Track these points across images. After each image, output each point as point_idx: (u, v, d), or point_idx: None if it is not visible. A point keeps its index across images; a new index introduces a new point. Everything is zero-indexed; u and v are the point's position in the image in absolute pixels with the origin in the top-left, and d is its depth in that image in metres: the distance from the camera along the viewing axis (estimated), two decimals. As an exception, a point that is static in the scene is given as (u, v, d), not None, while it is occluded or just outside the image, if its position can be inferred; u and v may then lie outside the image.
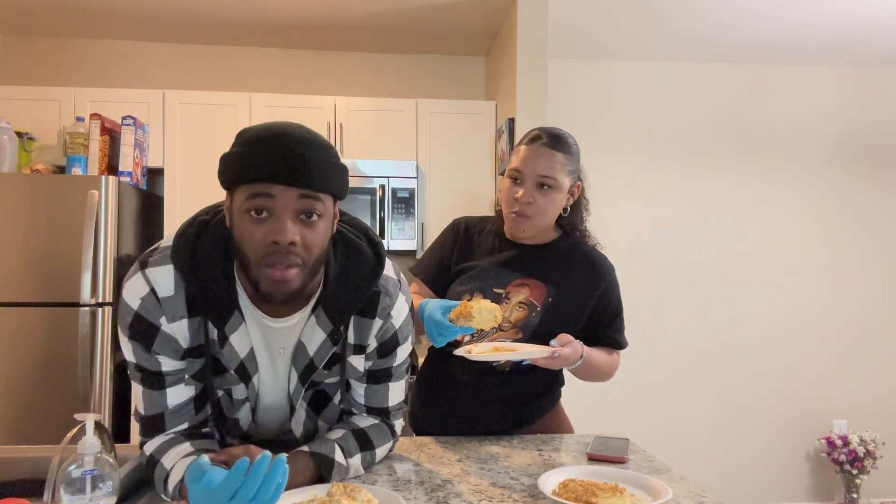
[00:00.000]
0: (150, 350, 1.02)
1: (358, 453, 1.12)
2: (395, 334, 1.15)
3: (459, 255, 1.53)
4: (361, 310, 1.10)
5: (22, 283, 2.49)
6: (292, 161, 0.91)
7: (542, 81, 2.81)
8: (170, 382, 1.05)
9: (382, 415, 1.22)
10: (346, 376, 1.15)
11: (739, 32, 3.22)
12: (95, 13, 3.04)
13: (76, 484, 0.83)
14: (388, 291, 1.11)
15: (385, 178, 3.00)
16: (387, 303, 1.11)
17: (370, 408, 1.21)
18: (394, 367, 1.19)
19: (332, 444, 1.08)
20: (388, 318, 1.12)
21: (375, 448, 1.16)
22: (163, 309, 1.00)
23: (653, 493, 1.03)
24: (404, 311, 1.16)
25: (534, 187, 1.39)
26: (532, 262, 1.47)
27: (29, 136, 2.86)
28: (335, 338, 1.08)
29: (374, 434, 1.17)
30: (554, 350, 1.27)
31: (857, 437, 3.41)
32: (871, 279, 3.70)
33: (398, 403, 1.23)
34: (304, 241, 0.94)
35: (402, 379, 1.23)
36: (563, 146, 1.41)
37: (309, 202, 0.93)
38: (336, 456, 1.07)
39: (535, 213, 1.40)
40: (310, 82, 3.47)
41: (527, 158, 1.40)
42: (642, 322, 3.55)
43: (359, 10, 2.99)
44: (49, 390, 2.47)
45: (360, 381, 1.18)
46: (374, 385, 1.19)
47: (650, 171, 3.62)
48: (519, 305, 1.43)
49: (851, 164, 3.71)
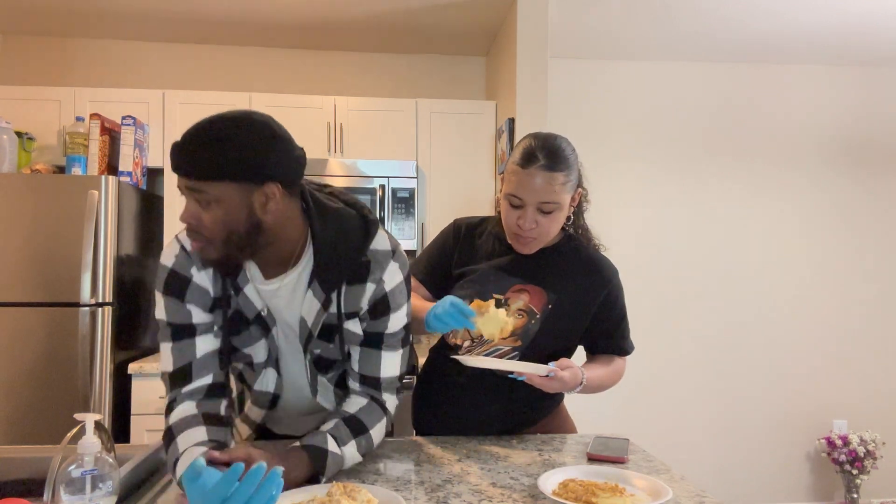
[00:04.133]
0: (184, 300, 1.14)
1: (352, 440, 1.13)
2: (385, 297, 1.18)
3: (460, 257, 1.50)
4: (350, 279, 1.16)
5: (22, 283, 2.49)
6: (175, 155, 1.03)
7: (542, 81, 2.81)
8: (199, 331, 1.16)
9: (374, 386, 1.22)
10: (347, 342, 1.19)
11: (739, 33, 3.22)
12: (95, 13, 3.04)
13: (76, 484, 0.83)
14: (377, 260, 1.17)
15: (385, 178, 3.00)
16: (377, 270, 1.17)
17: (363, 376, 1.22)
18: (386, 335, 1.20)
19: (323, 435, 1.09)
20: (381, 283, 1.17)
21: (369, 430, 1.16)
22: (192, 260, 1.15)
23: (653, 493, 1.03)
24: (397, 278, 1.19)
25: (535, 212, 1.34)
26: (532, 267, 1.44)
27: (29, 136, 2.86)
28: (327, 305, 1.15)
29: (365, 416, 1.17)
30: (552, 370, 1.23)
31: (857, 437, 3.41)
32: (871, 279, 3.70)
33: (391, 377, 1.23)
34: (200, 222, 1.04)
35: (397, 351, 1.23)
36: (561, 163, 1.33)
37: (195, 190, 1.03)
38: (329, 446, 1.08)
39: (540, 234, 1.37)
40: (310, 82, 3.47)
41: (525, 185, 1.32)
42: (642, 322, 3.54)
43: (359, 10, 2.99)
44: (49, 390, 2.47)
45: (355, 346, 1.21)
46: (367, 349, 1.21)
47: (650, 172, 3.62)
48: (518, 312, 1.40)
49: (853, 164, 3.71)
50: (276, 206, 1.06)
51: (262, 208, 1.05)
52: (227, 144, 1.01)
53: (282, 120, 1.26)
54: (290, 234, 1.12)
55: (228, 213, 1.03)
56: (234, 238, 1.05)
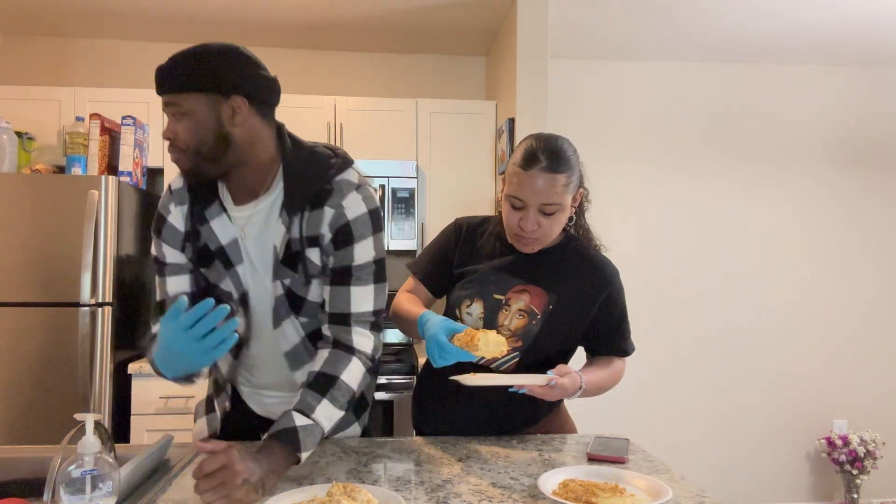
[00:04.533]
0: (161, 238, 1.28)
1: (322, 399, 1.12)
2: (348, 225, 1.20)
3: (461, 258, 1.50)
4: (313, 204, 1.21)
5: (22, 283, 2.49)
6: (157, 76, 1.15)
7: (542, 81, 2.81)
8: (169, 272, 1.27)
9: (343, 323, 1.22)
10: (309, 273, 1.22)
11: (739, 33, 3.22)
12: (95, 13, 3.04)
13: (76, 484, 0.83)
14: (340, 188, 1.22)
15: (385, 178, 3.00)
16: (337, 196, 1.21)
17: (332, 315, 1.23)
18: (354, 268, 1.22)
19: (287, 415, 1.09)
20: (340, 209, 1.20)
21: (339, 377, 1.16)
22: (172, 197, 1.27)
23: (653, 493, 1.03)
24: (360, 209, 1.22)
25: (537, 214, 1.34)
26: (533, 267, 1.43)
27: (29, 136, 2.86)
28: (290, 228, 1.21)
29: (329, 366, 1.17)
30: (551, 379, 1.23)
31: (857, 437, 3.41)
32: (870, 279, 3.70)
33: (362, 312, 1.23)
34: (175, 135, 1.15)
35: (367, 286, 1.23)
36: (563, 164, 1.32)
37: (170, 104, 1.14)
38: (296, 422, 1.07)
39: (542, 234, 1.37)
40: (310, 82, 3.47)
41: (527, 187, 1.32)
42: (643, 322, 3.54)
43: (359, 10, 2.99)
44: (49, 390, 2.47)
45: (324, 282, 1.24)
46: (337, 287, 1.22)
47: (650, 171, 3.62)
48: (519, 313, 1.40)
49: (851, 164, 3.71)
50: (244, 121, 1.15)
51: (230, 120, 1.14)
52: (196, 60, 1.13)
53: (282, 119, 1.27)
54: (260, 155, 1.19)
55: (198, 123, 1.14)
56: (203, 149, 1.15)
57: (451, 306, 1.48)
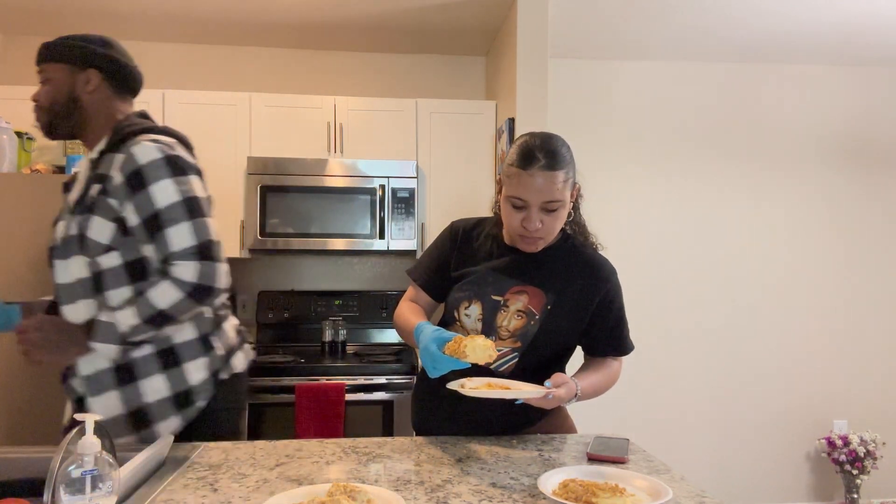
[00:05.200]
0: None
1: (125, 308, 1.31)
2: (139, 170, 1.33)
3: (458, 260, 1.51)
4: (108, 150, 1.40)
5: (22, 283, 2.49)
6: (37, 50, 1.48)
7: (542, 81, 2.81)
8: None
9: (168, 261, 1.33)
10: (95, 213, 1.35)
11: (739, 32, 3.22)
12: (96, 13, 3.04)
13: (76, 484, 0.83)
14: (136, 140, 1.37)
15: (385, 178, 2.99)
16: (130, 145, 1.36)
17: (161, 261, 1.36)
18: (161, 211, 1.33)
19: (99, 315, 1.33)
20: (130, 155, 1.34)
21: (145, 293, 1.32)
22: None
23: (653, 493, 1.03)
24: (152, 155, 1.34)
25: (539, 212, 1.35)
26: (531, 268, 1.44)
27: (29, 136, 2.86)
28: (89, 174, 1.42)
29: (146, 287, 1.34)
30: (548, 392, 1.23)
31: (858, 438, 3.41)
32: (871, 279, 3.70)
33: (184, 248, 1.32)
34: (39, 96, 1.47)
35: (181, 223, 1.33)
36: (560, 161, 1.33)
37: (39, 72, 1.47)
38: (100, 317, 1.32)
39: (545, 233, 1.38)
40: (310, 82, 3.47)
41: (527, 186, 1.33)
42: (642, 322, 3.54)
43: (359, 10, 2.99)
44: (49, 390, 2.47)
45: (145, 233, 1.34)
46: (156, 234, 1.34)
47: (650, 171, 3.62)
48: (517, 314, 1.41)
49: (851, 164, 3.71)
50: (94, 91, 1.46)
51: (82, 88, 1.45)
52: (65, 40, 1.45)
53: (282, 120, 1.28)
54: (101, 121, 1.47)
55: (57, 87, 1.45)
56: (56, 107, 1.45)
57: (450, 308, 1.48)
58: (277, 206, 2.92)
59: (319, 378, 2.64)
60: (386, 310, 3.27)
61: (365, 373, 2.67)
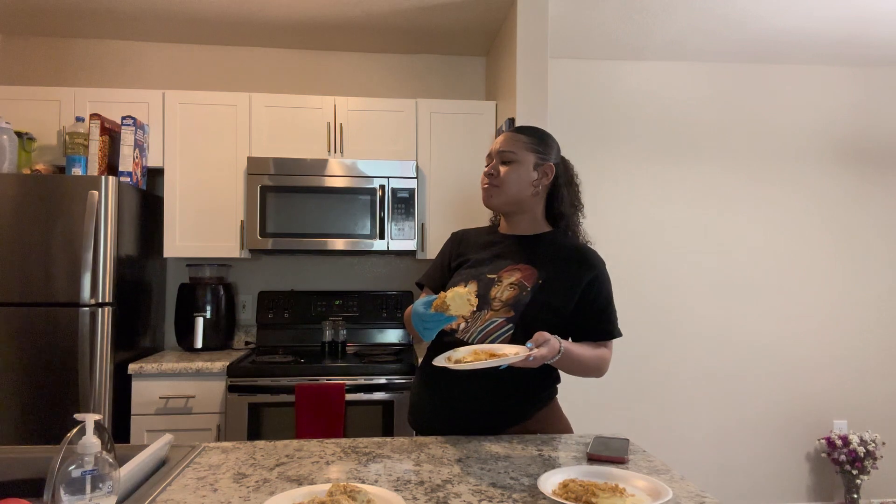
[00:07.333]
0: None
1: None
2: None
3: (457, 253, 1.65)
4: None
5: (22, 283, 2.49)
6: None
7: (542, 81, 2.81)
8: None
9: None
10: None
11: (740, 32, 3.22)
12: (95, 13, 3.04)
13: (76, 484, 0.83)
14: None
15: (385, 178, 2.99)
16: None
17: None
18: None
19: None
20: None
21: None
22: None
23: (653, 493, 1.03)
24: None
25: (498, 163, 1.57)
26: (524, 251, 1.56)
27: (29, 136, 2.86)
28: None
29: None
30: (529, 354, 1.25)
31: (858, 438, 3.41)
32: (871, 279, 3.70)
33: None
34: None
35: None
36: (528, 130, 1.59)
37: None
38: None
39: (500, 182, 1.55)
40: (310, 82, 3.47)
41: (495, 143, 1.61)
42: (642, 322, 3.55)
43: (359, 10, 2.99)
44: (49, 390, 2.47)
45: None
46: None
47: (650, 172, 3.62)
48: (510, 286, 1.50)
49: (853, 164, 3.71)
50: None
51: None
52: None
53: (282, 120, 1.27)
54: None
55: None
56: None
57: None
58: (277, 206, 2.92)
59: (319, 378, 2.64)
60: (386, 310, 3.27)
61: (365, 373, 2.67)
